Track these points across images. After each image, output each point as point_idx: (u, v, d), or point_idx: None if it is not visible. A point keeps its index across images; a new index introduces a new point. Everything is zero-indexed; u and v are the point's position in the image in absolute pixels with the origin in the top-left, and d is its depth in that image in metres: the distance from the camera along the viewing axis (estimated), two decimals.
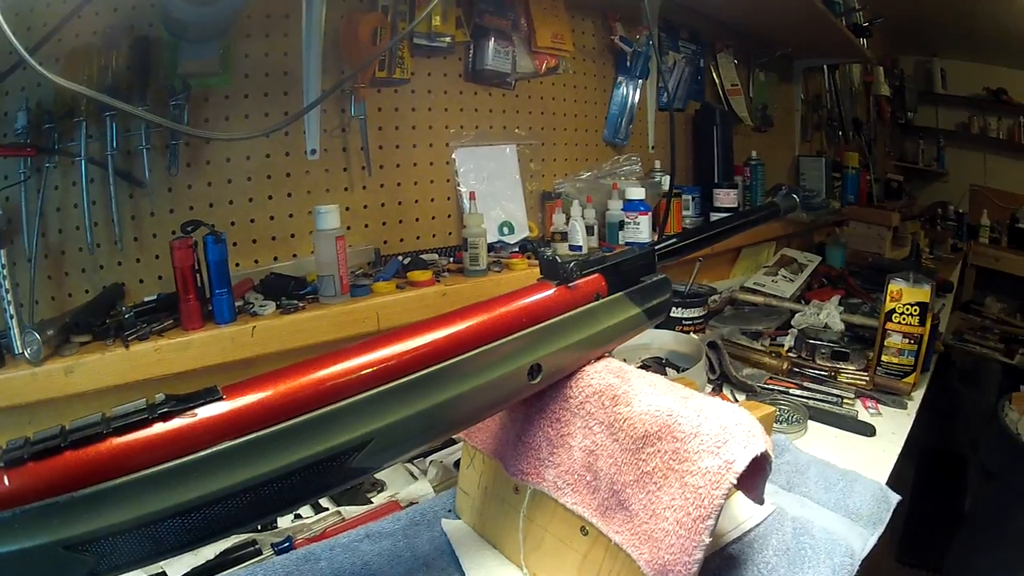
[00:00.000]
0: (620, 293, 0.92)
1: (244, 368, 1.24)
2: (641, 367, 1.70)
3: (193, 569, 0.94)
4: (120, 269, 1.29)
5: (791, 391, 1.68)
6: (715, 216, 2.45)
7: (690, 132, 2.72)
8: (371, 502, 1.13)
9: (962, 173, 4.93)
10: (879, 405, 1.63)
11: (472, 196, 1.74)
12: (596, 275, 0.90)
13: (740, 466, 0.70)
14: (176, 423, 0.52)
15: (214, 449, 0.53)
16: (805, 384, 1.71)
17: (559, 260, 0.85)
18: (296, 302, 1.33)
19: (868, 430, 1.50)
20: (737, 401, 1.64)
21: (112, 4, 1.23)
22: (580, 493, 0.81)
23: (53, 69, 1.07)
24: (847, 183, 3.70)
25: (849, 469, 1.26)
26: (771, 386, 1.70)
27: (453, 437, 1.15)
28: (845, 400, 1.63)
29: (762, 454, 0.72)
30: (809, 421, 1.53)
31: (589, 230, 1.98)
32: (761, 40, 3.04)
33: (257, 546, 0.98)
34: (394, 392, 0.63)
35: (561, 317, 0.82)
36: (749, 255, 2.77)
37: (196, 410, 0.53)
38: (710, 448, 0.72)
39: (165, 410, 0.52)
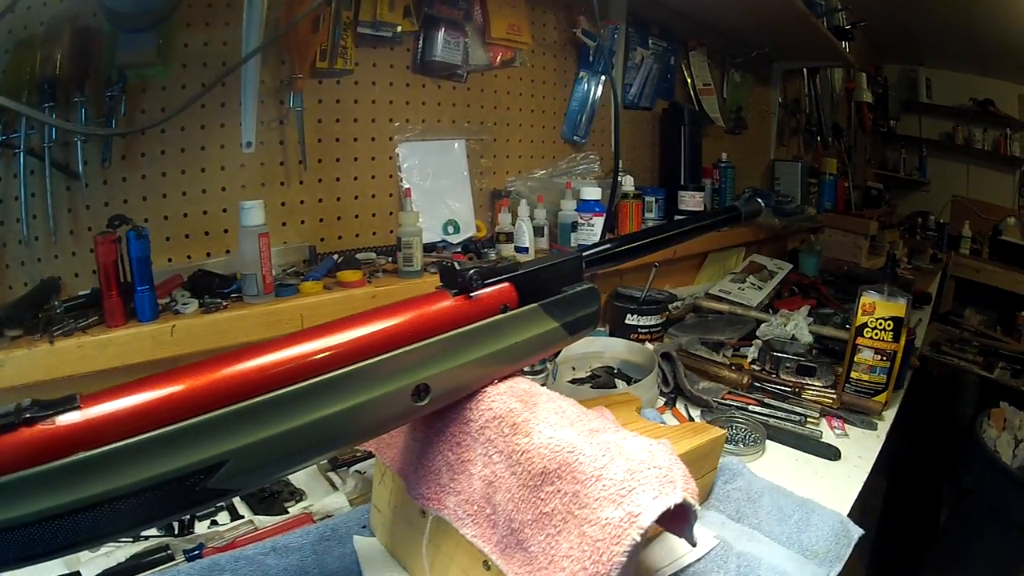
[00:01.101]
0: (534, 305, 0.83)
1: (167, 367, 1.15)
2: (590, 377, 1.62)
3: (106, 570, 0.92)
4: (57, 263, 1.25)
5: (750, 408, 1.56)
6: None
7: (658, 132, 2.62)
8: (287, 512, 1.08)
9: (944, 183, 4.88)
10: (846, 425, 1.52)
11: (407, 193, 1.62)
12: (505, 284, 0.81)
13: (647, 519, 0.59)
14: (37, 430, 0.49)
15: (64, 461, 0.49)
16: (766, 401, 1.58)
17: (458, 267, 0.78)
18: (220, 301, 1.28)
19: (832, 453, 1.38)
20: (691, 417, 1.52)
21: None
22: (480, 526, 0.74)
23: (1, 61, 1.14)
24: (824, 189, 3.62)
25: (807, 498, 1.15)
26: (729, 401, 1.58)
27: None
28: (809, 419, 1.52)
29: (678, 506, 0.61)
30: (768, 441, 1.42)
31: (539, 231, 1.86)
32: (737, 39, 2.95)
33: (170, 551, 0.95)
34: (252, 411, 0.57)
35: (455, 332, 0.74)
36: (716, 260, 2.64)
37: (55, 418, 0.50)
38: (612, 496, 0.62)
39: (28, 416, 0.49)
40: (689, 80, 2.76)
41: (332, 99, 1.59)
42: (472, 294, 0.77)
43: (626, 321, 1.94)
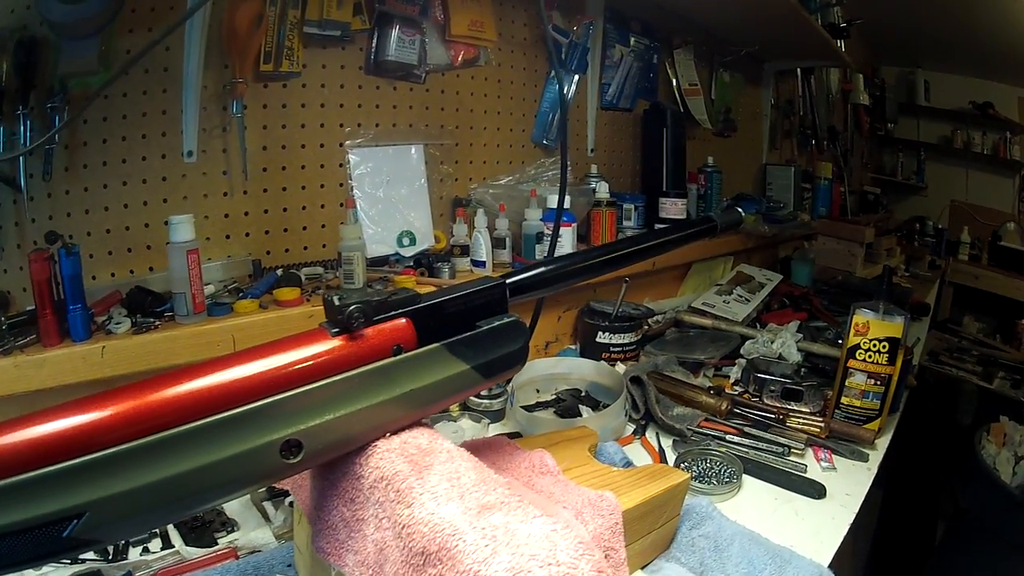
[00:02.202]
0: (436, 345, 0.72)
1: (103, 388, 1.11)
2: (555, 401, 1.49)
3: None
4: (6, 277, 1.23)
5: (728, 437, 1.42)
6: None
7: (639, 135, 2.48)
8: (216, 543, 1.04)
9: (942, 188, 4.76)
10: (834, 457, 1.39)
11: (349, 203, 1.54)
12: (399, 321, 0.70)
13: None
14: None
15: None
16: (746, 429, 1.44)
17: (337, 302, 0.66)
18: (152, 320, 1.23)
19: (816, 491, 1.25)
20: (662, 448, 1.39)
21: (10, 5, 1.18)
22: None
23: None
24: (818, 194, 3.46)
25: (783, 546, 1.03)
26: (705, 430, 1.45)
27: None
28: (793, 450, 1.39)
29: None
30: (746, 476, 1.29)
31: (501, 243, 1.73)
32: (725, 37, 2.81)
33: None
34: (108, 462, 0.53)
35: (332, 380, 0.64)
36: (701, 270, 2.50)
37: None
38: None
39: None
40: (674, 80, 2.62)
41: (278, 104, 1.52)
42: (356, 334, 0.66)
43: (597, 339, 1.80)
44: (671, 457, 1.36)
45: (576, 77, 2.09)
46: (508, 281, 0.80)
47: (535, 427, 1.40)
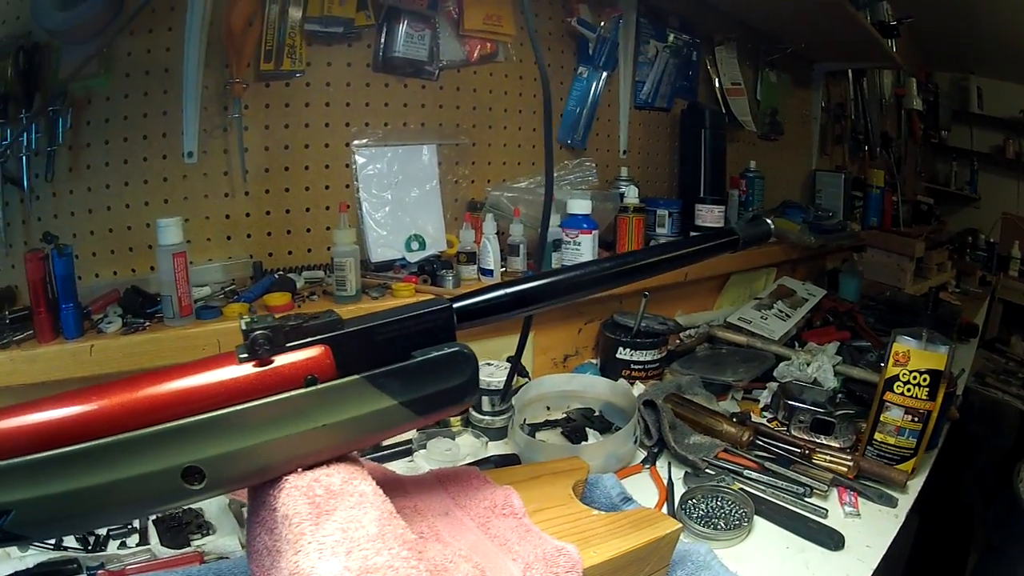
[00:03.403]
0: (357, 376, 0.65)
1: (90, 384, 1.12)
2: (565, 420, 1.50)
3: (16, 572, 0.94)
4: (14, 272, 1.24)
5: (746, 472, 1.30)
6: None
7: (676, 136, 2.35)
8: (189, 544, 1.04)
9: (995, 199, 4.52)
10: (859, 501, 1.26)
11: (342, 207, 1.46)
12: (317, 348, 0.64)
13: None
14: None
15: None
16: (767, 464, 1.32)
17: (244, 324, 0.62)
18: (142, 321, 1.25)
19: (834, 541, 1.13)
20: (671, 481, 1.27)
21: (16, 11, 1.22)
22: None
23: None
24: (870, 203, 3.29)
25: None
26: (722, 461, 1.33)
27: None
28: (816, 490, 1.26)
29: None
30: (758, 518, 1.17)
31: (515, 250, 1.63)
32: (770, 34, 2.68)
33: (75, 566, 0.96)
34: (28, 467, 0.54)
35: (232, 410, 0.60)
36: (740, 282, 2.36)
37: None
38: None
39: None
40: (715, 79, 2.49)
41: (281, 103, 1.49)
42: (266, 360, 0.61)
43: (618, 355, 1.69)
44: (679, 491, 1.25)
45: (604, 74, 1.98)
46: (457, 305, 0.72)
47: (533, 451, 1.31)
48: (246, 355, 0.61)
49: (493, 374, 1.45)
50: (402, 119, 1.65)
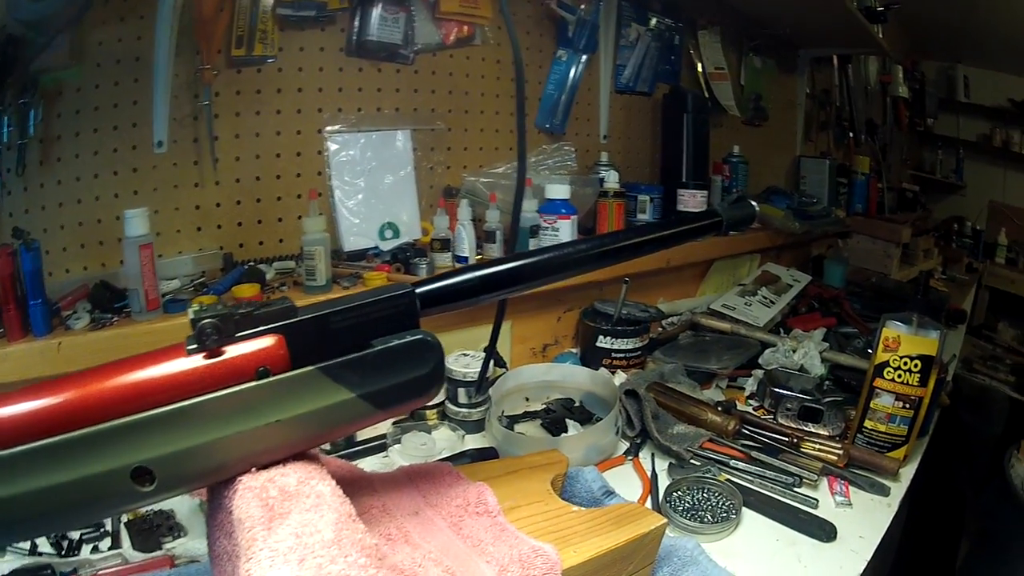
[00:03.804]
0: (310, 368, 0.60)
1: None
2: (544, 411, 1.46)
3: None
4: None
5: (733, 462, 1.25)
6: None
7: (658, 121, 2.29)
8: (161, 547, 1.02)
9: (981, 187, 4.52)
10: (851, 490, 1.23)
11: (312, 194, 1.43)
12: (269, 338, 0.59)
13: None
14: None
15: None
16: (755, 454, 1.28)
17: (192, 315, 0.57)
18: (110, 316, 1.21)
19: (825, 532, 1.10)
20: (655, 474, 1.23)
21: None
22: None
23: None
24: (855, 190, 3.27)
25: None
26: (707, 451, 1.29)
27: None
28: (806, 480, 1.22)
29: None
30: (746, 510, 1.13)
31: (491, 236, 1.58)
32: (754, 18, 2.63)
33: (49, 571, 0.95)
34: None
35: (182, 405, 0.55)
36: (724, 269, 2.32)
37: None
38: None
39: None
40: (699, 63, 2.44)
41: (252, 89, 1.44)
42: (216, 351, 0.57)
43: (598, 344, 1.65)
44: (664, 484, 1.21)
45: (584, 57, 1.93)
46: (420, 290, 0.66)
47: (511, 444, 1.27)
48: (194, 346, 0.56)
49: (469, 365, 1.40)
50: (376, 104, 1.60)
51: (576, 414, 1.44)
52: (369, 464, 1.26)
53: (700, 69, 2.44)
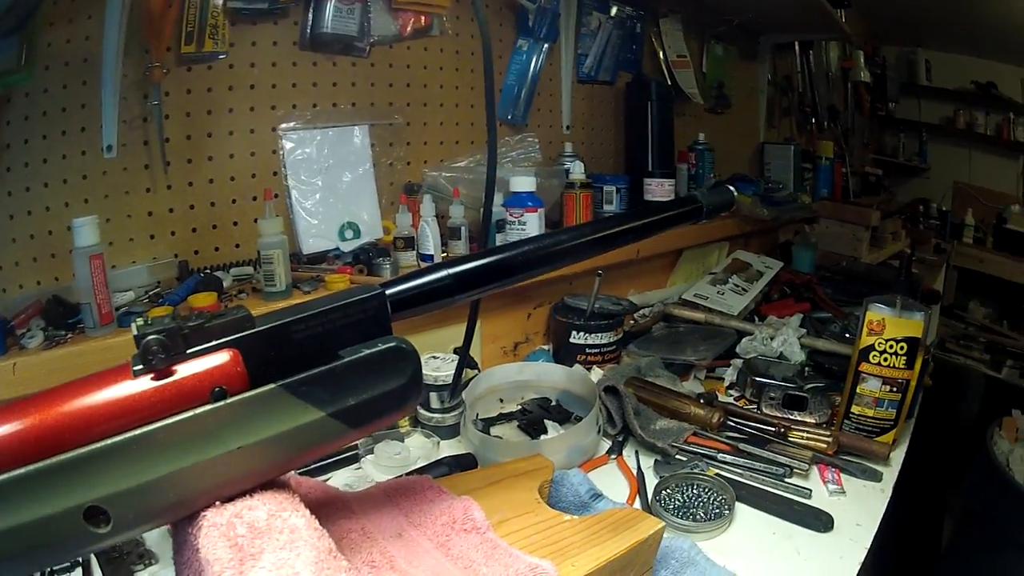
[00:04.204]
0: (274, 385, 0.54)
1: None
2: (520, 412, 1.41)
3: None
4: None
5: (720, 455, 1.21)
6: None
7: (622, 110, 2.26)
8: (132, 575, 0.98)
9: (945, 169, 4.58)
10: (843, 477, 1.18)
11: (267, 195, 1.37)
12: (223, 353, 0.53)
13: None
14: None
15: None
16: (742, 446, 1.23)
17: (136, 327, 0.51)
18: (64, 333, 1.14)
19: (822, 522, 1.06)
20: (641, 470, 1.18)
21: None
22: None
23: None
24: (820, 175, 3.25)
25: None
26: (693, 446, 1.23)
27: None
28: (796, 470, 1.18)
29: None
30: (739, 505, 1.09)
31: (455, 232, 1.53)
32: (715, 6, 2.59)
33: None
34: None
35: (132, 435, 0.50)
36: (693, 258, 2.28)
37: None
38: None
39: None
40: (661, 51, 2.39)
41: (203, 88, 1.37)
42: (164, 371, 0.51)
43: (571, 340, 1.60)
44: (651, 483, 1.15)
45: (545, 47, 1.88)
46: (390, 292, 0.61)
47: (489, 449, 1.21)
48: (140, 367, 0.50)
49: (439, 368, 1.35)
50: (332, 100, 1.54)
51: (554, 414, 1.38)
52: (342, 478, 1.20)
53: (662, 57, 2.39)
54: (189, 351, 0.51)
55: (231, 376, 0.52)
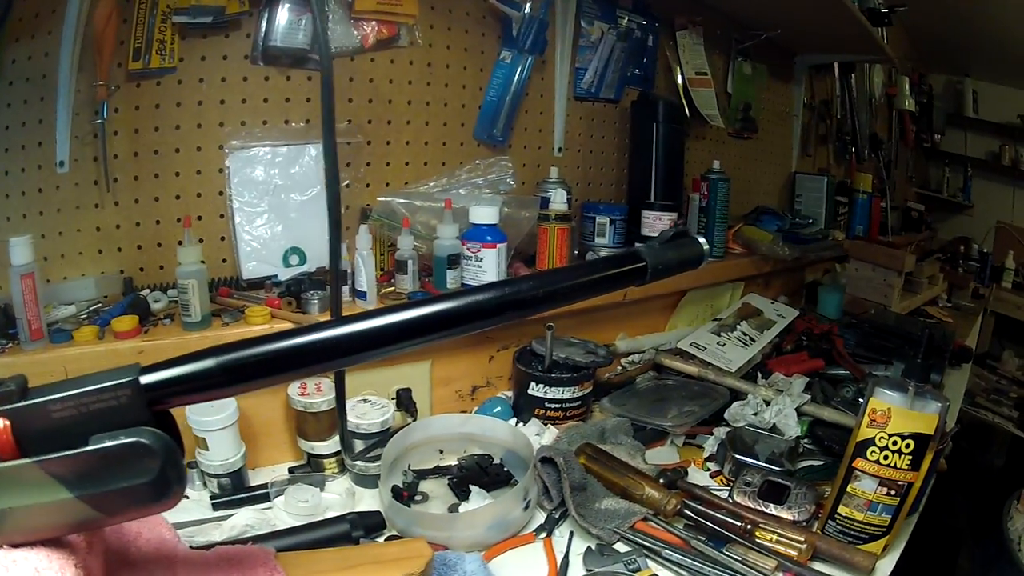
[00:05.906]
0: (29, 460, 0.52)
1: None
2: (457, 469, 1.29)
3: None
4: None
5: (667, 551, 1.02)
6: None
7: (627, 132, 2.08)
8: None
9: (989, 207, 4.44)
10: None
11: (186, 222, 1.34)
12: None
13: None
14: None
15: None
16: (695, 542, 1.04)
17: None
18: (5, 342, 1.16)
19: None
20: (566, 561, 1.02)
21: None
22: None
23: None
24: (856, 210, 3.08)
25: None
26: (639, 534, 1.05)
27: None
28: None
29: None
30: None
31: (402, 267, 1.38)
32: (741, 19, 2.41)
33: None
34: None
35: None
36: (699, 299, 2.07)
37: None
38: None
39: None
40: (677, 68, 2.20)
41: (151, 104, 1.36)
42: None
43: (530, 391, 1.42)
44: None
45: (530, 59, 1.70)
46: (146, 380, 0.54)
47: (397, 515, 1.11)
48: None
49: (366, 414, 1.26)
50: (284, 116, 1.47)
51: (491, 475, 1.24)
52: (246, 516, 1.13)
53: (680, 73, 2.20)
54: None
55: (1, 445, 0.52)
